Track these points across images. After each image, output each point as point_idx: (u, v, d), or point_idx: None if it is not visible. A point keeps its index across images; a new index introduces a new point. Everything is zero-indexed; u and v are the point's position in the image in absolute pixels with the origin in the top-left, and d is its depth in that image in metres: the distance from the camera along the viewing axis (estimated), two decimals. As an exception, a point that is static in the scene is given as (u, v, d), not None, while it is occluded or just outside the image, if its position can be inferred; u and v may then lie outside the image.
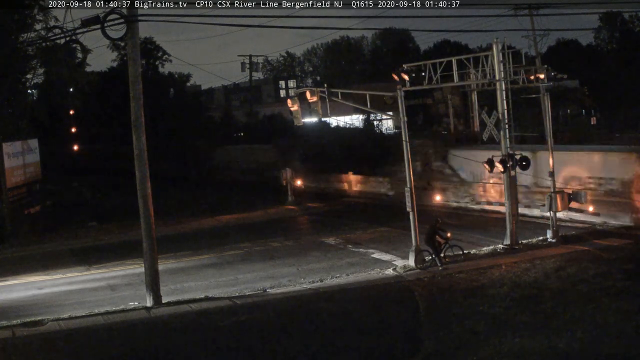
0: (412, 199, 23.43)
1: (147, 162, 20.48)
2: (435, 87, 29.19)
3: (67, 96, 42.66)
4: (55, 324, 18.55)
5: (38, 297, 22.31)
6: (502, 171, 24.70)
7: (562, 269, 20.95)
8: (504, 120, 24.92)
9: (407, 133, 23.92)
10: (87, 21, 19.56)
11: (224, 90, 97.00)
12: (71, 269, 26.30)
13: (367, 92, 26.43)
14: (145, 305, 20.11)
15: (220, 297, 20.65)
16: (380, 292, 20.30)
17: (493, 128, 31.22)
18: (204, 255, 27.31)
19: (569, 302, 17.59)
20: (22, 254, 29.52)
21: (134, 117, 20.34)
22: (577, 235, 25.89)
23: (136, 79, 20.34)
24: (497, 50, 24.75)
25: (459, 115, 47.28)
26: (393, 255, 25.07)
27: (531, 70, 27.64)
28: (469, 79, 27.39)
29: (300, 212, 37.53)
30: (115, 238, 32.20)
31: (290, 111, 27.02)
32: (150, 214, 20.42)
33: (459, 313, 17.57)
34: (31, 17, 33.98)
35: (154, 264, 20.47)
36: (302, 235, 30.54)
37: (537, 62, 37.47)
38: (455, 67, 25.31)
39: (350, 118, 60.16)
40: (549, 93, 27.70)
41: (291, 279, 22.67)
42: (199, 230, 33.38)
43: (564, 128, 44.65)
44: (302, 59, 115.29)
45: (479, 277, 20.91)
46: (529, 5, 37.49)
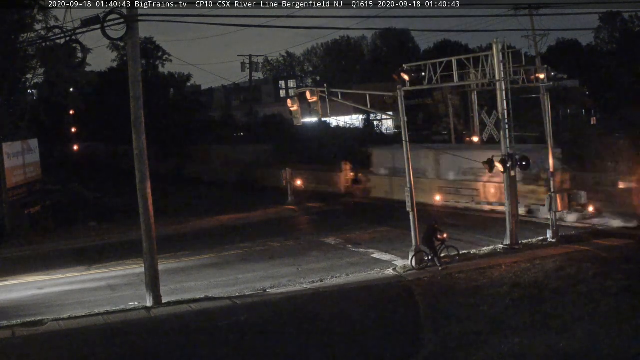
0: (412, 198, 23.44)
1: (147, 162, 20.47)
2: (435, 87, 29.21)
3: (67, 96, 42.72)
4: (55, 324, 18.54)
5: (38, 297, 22.31)
6: (502, 171, 24.72)
7: (562, 269, 20.94)
8: (504, 120, 24.91)
9: (407, 133, 23.94)
10: (87, 21, 19.56)
11: (224, 90, 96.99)
12: (71, 269, 26.29)
13: (367, 92, 26.43)
14: (145, 305, 20.11)
15: (220, 297, 20.64)
16: (380, 292, 20.29)
17: (493, 128, 31.26)
18: (204, 255, 27.31)
19: (569, 302, 17.59)
20: (22, 254, 29.51)
21: (134, 117, 20.33)
22: (577, 235, 25.88)
23: (136, 79, 20.33)
24: (497, 50, 24.74)
25: (459, 115, 47.35)
26: (393, 255, 25.07)
27: (531, 70, 27.64)
28: (469, 79, 27.38)
29: (300, 212, 37.52)
30: (115, 238, 32.17)
31: (290, 111, 27.00)
32: (150, 214, 20.41)
33: (459, 313, 17.57)
34: (31, 17, 34.04)
35: (154, 264, 20.47)
36: (302, 235, 30.53)
37: (537, 62, 37.44)
38: (455, 67, 25.30)
39: (350, 118, 60.26)
40: (549, 93, 27.69)
41: (291, 279, 22.67)
42: (199, 230, 33.38)
43: (563, 128, 44.67)
44: (302, 59, 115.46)
45: (479, 277, 20.90)
46: (529, 5, 37.42)
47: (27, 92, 40.51)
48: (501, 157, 24.57)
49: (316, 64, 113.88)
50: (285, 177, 39.66)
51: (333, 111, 27.11)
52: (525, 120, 39.08)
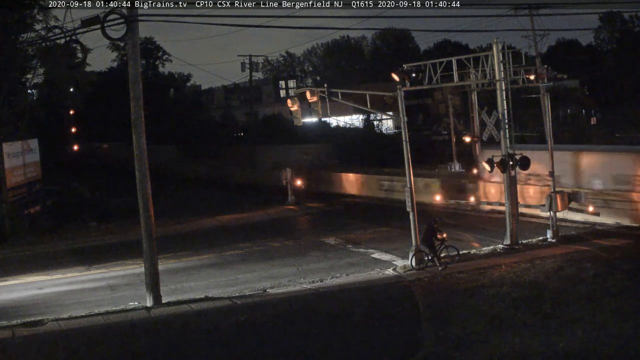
0: (412, 198, 23.43)
1: (147, 161, 20.47)
2: (435, 87, 29.18)
3: (67, 96, 42.72)
4: (55, 324, 18.52)
5: (38, 297, 22.30)
6: (502, 171, 24.72)
7: (562, 269, 20.93)
8: (504, 120, 24.91)
9: (407, 133, 23.94)
10: (87, 21, 19.54)
11: (224, 90, 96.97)
12: (71, 269, 26.29)
13: (367, 92, 26.42)
14: (145, 305, 20.10)
15: (220, 297, 20.63)
16: (380, 292, 20.27)
17: (493, 128, 31.24)
18: (204, 255, 27.30)
19: (569, 302, 17.59)
20: (22, 254, 29.49)
21: (134, 117, 20.32)
22: (577, 235, 25.88)
23: (136, 79, 20.32)
24: (497, 50, 24.75)
25: (459, 115, 47.34)
26: (393, 255, 25.06)
27: (531, 70, 27.63)
28: (469, 79, 27.38)
29: (300, 212, 37.51)
30: (115, 238, 32.18)
31: (290, 111, 27.01)
32: (150, 214, 20.40)
33: (459, 313, 17.56)
34: (31, 17, 34.00)
35: (154, 264, 20.46)
36: (302, 235, 30.53)
37: (537, 62, 37.50)
38: (455, 67, 25.30)
39: (350, 118, 60.32)
40: (549, 93, 27.71)
41: (291, 279, 22.67)
42: (199, 230, 33.38)
43: (564, 128, 44.71)
44: (302, 59, 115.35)
45: (479, 277, 20.89)
46: (529, 5, 37.50)
47: (27, 92, 40.48)
48: (501, 157, 24.58)
49: (316, 64, 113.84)
50: (285, 177, 39.64)
51: (333, 111, 27.15)
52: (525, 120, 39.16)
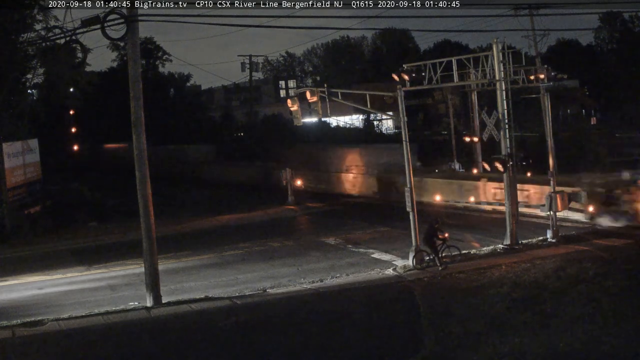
0: (412, 198, 23.43)
1: (147, 162, 20.46)
2: (435, 87, 29.19)
3: (67, 96, 42.71)
4: (55, 324, 18.53)
5: (38, 297, 22.30)
6: (502, 171, 24.72)
7: (562, 269, 20.93)
8: (504, 120, 24.91)
9: (407, 133, 23.95)
10: (87, 21, 19.54)
11: (224, 90, 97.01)
12: (71, 269, 26.28)
13: (367, 92, 26.42)
14: (145, 305, 20.10)
15: (220, 297, 20.64)
16: (380, 292, 20.28)
17: (493, 128, 31.25)
18: (204, 255, 27.30)
19: (569, 302, 17.59)
20: (22, 254, 29.47)
21: (134, 117, 20.32)
22: (577, 235, 25.88)
23: (136, 78, 20.31)
24: (497, 50, 24.75)
25: (459, 115, 47.34)
26: (393, 255, 25.06)
27: (531, 70, 27.67)
28: (469, 79, 27.41)
29: (300, 212, 37.50)
30: (115, 238, 32.15)
31: (290, 111, 27.01)
32: (150, 214, 20.40)
33: (459, 313, 17.57)
34: (31, 17, 33.99)
35: (154, 264, 20.46)
36: (302, 235, 30.53)
37: (537, 62, 37.45)
38: (455, 67, 25.31)
39: (350, 118, 60.33)
40: (549, 93, 27.72)
41: (291, 279, 22.67)
42: (199, 230, 33.35)
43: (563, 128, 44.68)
44: (302, 59, 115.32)
45: (479, 277, 20.90)
46: (529, 5, 37.44)
47: (27, 92, 40.47)
48: (501, 157, 24.57)
49: (316, 64, 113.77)
50: (285, 177, 39.62)
51: (333, 111, 27.12)
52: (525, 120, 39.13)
